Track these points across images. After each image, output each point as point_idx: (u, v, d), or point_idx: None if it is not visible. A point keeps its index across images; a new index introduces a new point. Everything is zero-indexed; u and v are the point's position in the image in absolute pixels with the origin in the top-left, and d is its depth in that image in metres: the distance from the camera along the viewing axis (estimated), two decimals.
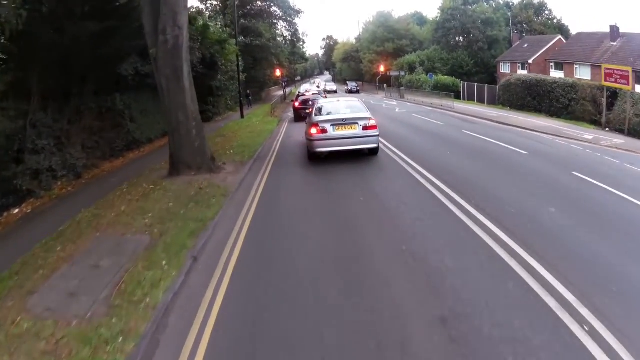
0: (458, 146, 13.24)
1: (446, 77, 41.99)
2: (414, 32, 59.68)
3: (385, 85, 46.90)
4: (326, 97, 20.94)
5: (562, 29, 54.59)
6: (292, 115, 24.40)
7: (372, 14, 74.96)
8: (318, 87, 57.70)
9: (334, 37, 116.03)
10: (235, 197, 8.75)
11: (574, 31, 52.52)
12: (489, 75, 51.43)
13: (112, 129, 13.62)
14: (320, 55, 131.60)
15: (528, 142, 14.12)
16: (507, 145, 13.07)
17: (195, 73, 15.85)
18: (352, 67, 74.72)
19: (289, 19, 43.06)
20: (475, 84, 38.60)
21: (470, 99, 35.47)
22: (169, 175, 10.50)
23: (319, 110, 11.63)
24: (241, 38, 35.97)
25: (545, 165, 10.57)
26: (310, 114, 12.33)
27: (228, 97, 30.11)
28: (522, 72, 44.51)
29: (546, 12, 57.73)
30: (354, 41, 77.78)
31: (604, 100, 20.73)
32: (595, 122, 21.48)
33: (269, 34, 37.78)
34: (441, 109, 27.66)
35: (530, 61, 43.09)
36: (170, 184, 9.64)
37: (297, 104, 23.58)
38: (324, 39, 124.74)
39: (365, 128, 10.59)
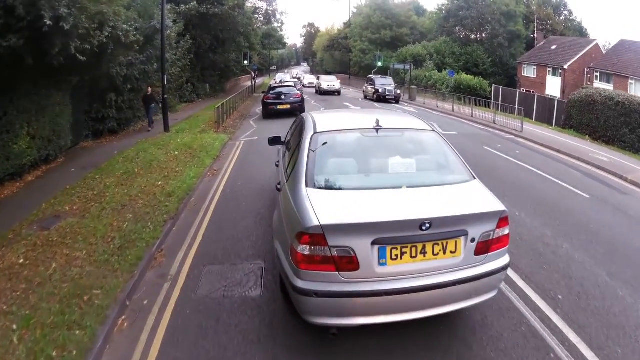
0: None
1: (470, 76, 32.37)
2: (414, 21, 49.78)
3: None
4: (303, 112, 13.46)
5: (581, 33, 47.96)
6: (255, 127, 16.00)
7: None
8: (297, 77, 47.53)
9: (316, 25, 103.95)
10: None
11: (592, 36, 45.50)
12: (507, 77, 42.76)
13: None
14: (298, 46, 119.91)
15: None
16: None
17: None
18: (337, 58, 64.03)
19: None
20: (517, 90, 29.00)
21: (506, 110, 25.06)
22: None
23: (322, 154, 3.69)
24: (194, 3, 24.95)
25: None
26: (295, 159, 3.94)
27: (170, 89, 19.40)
28: (554, 79, 36.06)
29: (565, 12, 50.50)
30: (341, 26, 66.71)
31: None
32: None
33: (232, 1, 26.68)
34: (496, 129, 17.45)
35: (565, 67, 34.52)
36: None
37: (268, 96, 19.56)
38: (304, 26, 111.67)
39: (483, 247, 3.15)
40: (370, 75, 32.04)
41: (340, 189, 3.44)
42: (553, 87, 35.43)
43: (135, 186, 7.79)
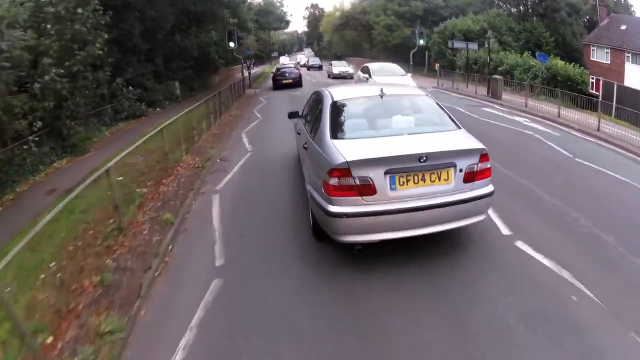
0: None
1: (564, 63, 23.13)
2: None
3: (438, 67, 26.10)
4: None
5: (627, 9, 38.95)
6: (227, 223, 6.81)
7: None
8: (298, 63, 41.87)
9: (320, 6, 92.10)
10: None
11: (638, 13, 36.99)
12: (570, 60, 32.89)
13: None
14: (299, 32, 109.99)
15: None
16: None
17: None
18: (349, 39, 54.04)
19: None
20: None
21: (624, 116, 14.34)
22: None
23: (340, 115, 5.02)
24: None
25: None
26: (319, 121, 5.11)
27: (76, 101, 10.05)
28: (635, 67, 27.50)
29: None
30: (355, 1, 56.18)
31: None
32: None
33: None
34: None
35: None
36: None
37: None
38: (307, 8, 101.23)
39: (470, 176, 4.29)
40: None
41: (356, 138, 4.58)
42: (634, 76, 27.72)
43: None
